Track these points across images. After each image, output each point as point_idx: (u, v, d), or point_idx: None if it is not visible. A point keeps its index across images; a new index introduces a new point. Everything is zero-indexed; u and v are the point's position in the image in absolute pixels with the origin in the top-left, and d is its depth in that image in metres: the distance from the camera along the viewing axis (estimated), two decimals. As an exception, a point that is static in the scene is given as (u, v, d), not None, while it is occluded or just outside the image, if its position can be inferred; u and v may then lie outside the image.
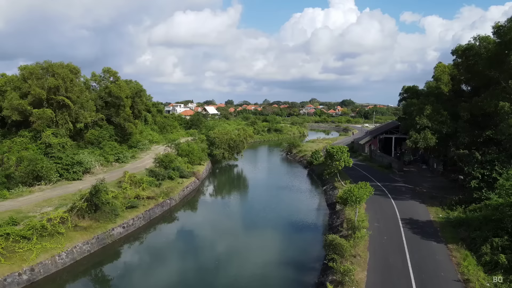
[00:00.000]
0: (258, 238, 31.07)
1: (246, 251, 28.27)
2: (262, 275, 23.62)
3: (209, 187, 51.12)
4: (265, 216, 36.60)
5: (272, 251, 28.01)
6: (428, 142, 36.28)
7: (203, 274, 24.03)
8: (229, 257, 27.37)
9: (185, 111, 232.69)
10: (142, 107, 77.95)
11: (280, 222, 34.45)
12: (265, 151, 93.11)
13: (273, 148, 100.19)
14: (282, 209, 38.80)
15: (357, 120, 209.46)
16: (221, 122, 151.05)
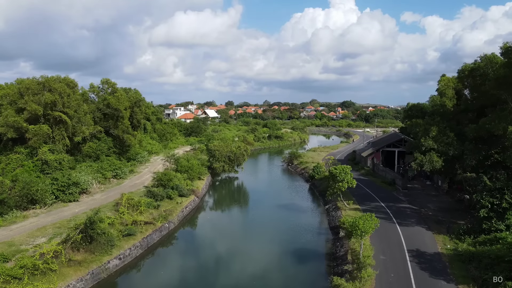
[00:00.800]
0: (258, 266, 30.06)
1: (245, 282, 27.26)
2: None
3: (209, 205, 49.98)
4: (266, 240, 35.60)
5: (273, 284, 27.03)
6: (434, 165, 35.27)
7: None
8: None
9: (185, 114, 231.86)
10: (141, 116, 77.00)
11: (281, 248, 33.43)
12: (265, 161, 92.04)
13: (273, 157, 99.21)
14: (283, 232, 37.77)
15: (358, 123, 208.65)
16: (221, 127, 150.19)
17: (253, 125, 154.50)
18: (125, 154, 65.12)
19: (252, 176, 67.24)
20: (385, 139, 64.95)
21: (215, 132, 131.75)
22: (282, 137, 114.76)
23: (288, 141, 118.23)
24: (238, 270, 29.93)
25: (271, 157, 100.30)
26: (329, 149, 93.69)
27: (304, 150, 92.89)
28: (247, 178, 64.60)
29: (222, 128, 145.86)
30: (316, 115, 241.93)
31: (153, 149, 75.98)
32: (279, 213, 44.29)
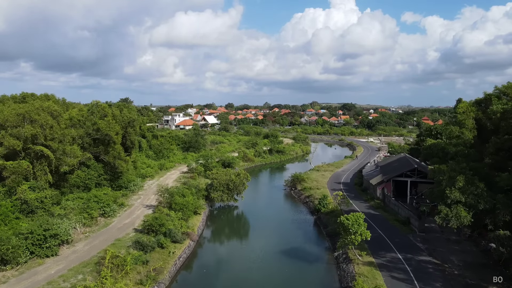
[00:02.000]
0: None
1: None
2: None
3: (205, 250, 45.13)
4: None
5: None
6: (461, 221, 30.96)
7: None
8: None
9: (184, 121, 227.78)
10: (134, 137, 72.54)
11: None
12: (266, 180, 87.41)
13: (275, 174, 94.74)
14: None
15: (361, 131, 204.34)
16: (221, 137, 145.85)
17: (254, 135, 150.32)
18: (117, 181, 60.91)
19: (252, 204, 62.68)
20: (396, 166, 60.49)
21: (215, 144, 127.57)
22: (284, 151, 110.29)
23: (290, 155, 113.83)
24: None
25: (272, 174, 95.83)
26: (333, 167, 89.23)
27: (308, 169, 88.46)
28: (247, 207, 60.12)
29: (222, 139, 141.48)
30: (317, 121, 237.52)
31: (148, 173, 71.49)
32: (281, 261, 39.87)
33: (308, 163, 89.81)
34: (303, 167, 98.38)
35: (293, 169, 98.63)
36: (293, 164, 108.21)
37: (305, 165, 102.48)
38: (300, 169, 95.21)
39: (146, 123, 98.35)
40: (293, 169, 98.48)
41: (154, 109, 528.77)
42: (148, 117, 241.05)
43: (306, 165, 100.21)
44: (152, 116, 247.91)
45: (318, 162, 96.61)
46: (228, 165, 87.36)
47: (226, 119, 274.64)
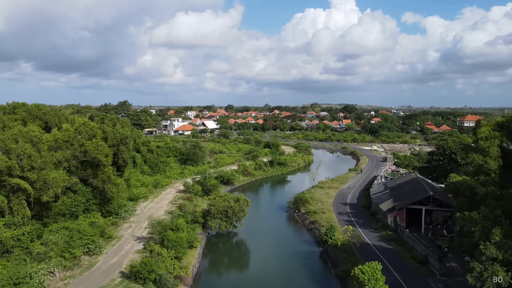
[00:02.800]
0: None
1: None
2: None
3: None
4: None
5: None
6: (499, 282, 26.48)
7: None
8: None
9: (182, 126, 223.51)
10: (128, 155, 68.03)
11: None
12: (267, 199, 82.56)
13: (276, 190, 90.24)
14: None
15: (363, 136, 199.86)
16: (220, 146, 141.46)
17: (254, 143, 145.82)
18: (107, 205, 56.51)
19: (253, 230, 57.95)
20: (408, 190, 55.96)
21: (214, 154, 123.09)
22: (285, 163, 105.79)
23: (292, 167, 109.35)
24: None
25: (273, 190, 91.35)
26: (338, 183, 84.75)
27: (311, 185, 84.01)
28: (248, 233, 55.53)
29: (221, 147, 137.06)
30: (318, 126, 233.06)
31: (141, 194, 66.99)
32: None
33: (312, 178, 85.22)
34: (305, 181, 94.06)
35: (295, 183, 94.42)
36: (295, 177, 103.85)
37: (308, 177, 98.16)
38: (303, 183, 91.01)
39: (141, 135, 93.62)
40: (296, 183, 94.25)
41: (154, 112, 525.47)
42: (147, 122, 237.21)
43: (308, 178, 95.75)
44: (150, 121, 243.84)
45: (322, 175, 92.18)
46: (227, 181, 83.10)
47: (226, 123, 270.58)
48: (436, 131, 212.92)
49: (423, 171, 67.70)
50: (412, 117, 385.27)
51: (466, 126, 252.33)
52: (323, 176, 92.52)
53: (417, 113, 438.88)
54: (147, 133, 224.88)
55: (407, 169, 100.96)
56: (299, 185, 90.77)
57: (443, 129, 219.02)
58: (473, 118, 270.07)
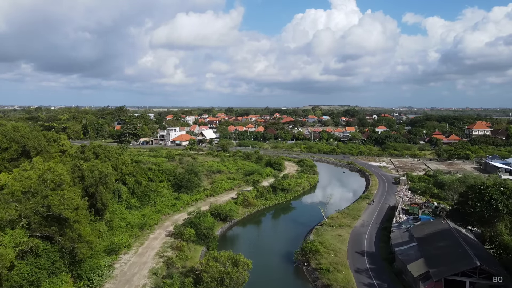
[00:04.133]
0: None
1: None
2: None
3: None
4: None
5: None
6: None
7: None
8: None
9: (180, 136, 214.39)
10: (108, 196, 58.34)
11: None
12: (271, 240, 72.17)
13: (280, 225, 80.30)
14: None
15: (369, 147, 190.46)
16: (218, 164, 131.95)
17: (255, 160, 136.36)
18: (78, 265, 46.88)
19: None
20: (444, 250, 46.07)
21: (211, 174, 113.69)
22: (289, 188, 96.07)
23: (296, 191, 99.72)
24: None
25: (277, 224, 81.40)
26: (350, 218, 75.00)
27: (320, 222, 74.31)
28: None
29: (219, 166, 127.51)
30: (321, 135, 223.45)
31: (123, 242, 57.18)
32: None
33: (320, 208, 75.34)
34: (312, 211, 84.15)
35: (301, 213, 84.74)
36: (300, 204, 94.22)
37: (315, 206, 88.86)
38: (310, 214, 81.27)
39: (128, 163, 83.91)
40: (302, 213, 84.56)
41: (152, 116, 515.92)
42: (143, 131, 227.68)
43: (316, 207, 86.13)
44: (146, 130, 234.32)
45: (331, 202, 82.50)
46: (225, 218, 73.42)
47: (226, 131, 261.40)
48: (445, 141, 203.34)
49: (454, 215, 58.06)
50: (417, 123, 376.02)
51: (475, 135, 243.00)
52: (332, 204, 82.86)
53: (421, 119, 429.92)
54: (142, 143, 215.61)
55: (425, 196, 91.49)
56: (305, 216, 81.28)
57: (452, 139, 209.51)
58: (482, 126, 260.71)
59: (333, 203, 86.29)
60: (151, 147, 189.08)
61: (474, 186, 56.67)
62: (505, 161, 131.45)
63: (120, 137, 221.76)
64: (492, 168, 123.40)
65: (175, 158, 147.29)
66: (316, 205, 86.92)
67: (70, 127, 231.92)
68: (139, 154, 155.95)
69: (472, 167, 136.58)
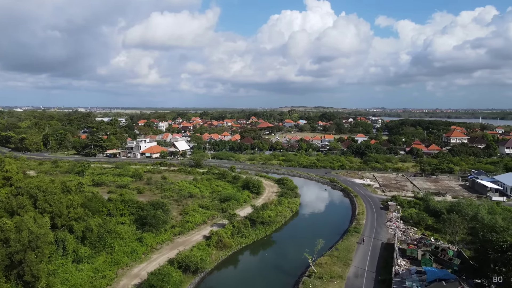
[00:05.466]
0: None
1: None
2: None
3: None
4: None
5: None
6: None
7: None
8: None
9: (150, 148, 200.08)
10: (37, 267, 45.44)
11: None
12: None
13: (260, 273, 68.96)
14: None
15: (351, 160, 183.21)
16: (190, 187, 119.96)
17: (231, 179, 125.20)
18: None
19: None
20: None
21: (182, 199, 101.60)
22: (269, 221, 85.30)
23: (277, 222, 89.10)
24: None
25: (255, 271, 69.87)
26: (340, 263, 64.87)
27: (305, 265, 63.87)
28: None
29: (192, 188, 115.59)
30: (300, 145, 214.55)
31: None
32: None
33: (308, 259, 64.51)
34: (297, 250, 73.43)
35: (284, 254, 73.61)
36: (282, 239, 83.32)
37: (298, 241, 78.74)
38: (294, 254, 70.49)
39: (80, 202, 70.67)
40: (285, 253, 73.54)
41: (124, 120, 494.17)
42: (110, 143, 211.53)
43: (299, 243, 75.86)
44: (114, 140, 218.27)
45: (315, 230, 72.24)
46: (195, 270, 61.69)
47: (200, 139, 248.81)
48: (426, 152, 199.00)
49: (469, 272, 49.03)
50: (394, 128, 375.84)
51: (453, 143, 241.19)
52: (318, 234, 72.43)
53: (397, 123, 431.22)
54: (109, 156, 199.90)
55: (419, 228, 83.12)
56: (290, 259, 70.74)
57: (432, 149, 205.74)
58: (459, 134, 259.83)
59: (319, 233, 76.28)
60: (118, 161, 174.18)
61: (493, 242, 47.67)
62: (492, 178, 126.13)
63: (85, 149, 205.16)
64: (480, 187, 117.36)
65: (143, 177, 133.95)
66: (301, 242, 76.78)
67: (28, 138, 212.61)
68: (102, 173, 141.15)
69: (458, 184, 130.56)
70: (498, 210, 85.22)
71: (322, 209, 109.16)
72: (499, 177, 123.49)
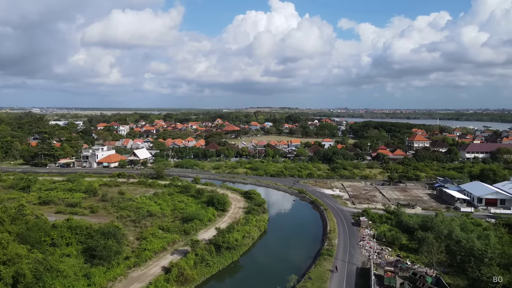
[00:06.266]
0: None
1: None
2: None
3: None
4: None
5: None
6: None
7: None
8: None
9: (108, 157, 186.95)
10: None
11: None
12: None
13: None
14: None
15: (318, 166, 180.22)
16: (149, 203, 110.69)
17: (194, 193, 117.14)
18: None
19: None
20: None
21: (140, 220, 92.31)
22: (236, 246, 78.08)
23: (245, 245, 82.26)
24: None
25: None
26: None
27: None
28: None
29: (151, 205, 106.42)
30: (267, 152, 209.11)
31: None
32: None
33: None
34: (267, 279, 67.35)
35: (252, 284, 66.94)
36: (250, 265, 76.60)
37: (268, 267, 72.57)
38: (264, 283, 64.01)
39: (15, 234, 60.34)
40: (252, 284, 66.86)
41: (81, 124, 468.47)
42: (63, 151, 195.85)
43: (269, 271, 69.66)
44: (68, 148, 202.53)
45: (284, 253, 66.08)
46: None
47: (163, 146, 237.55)
48: (392, 157, 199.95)
49: None
50: (359, 131, 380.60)
51: (416, 147, 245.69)
52: (288, 261, 66.31)
53: (361, 125, 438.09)
54: (62, 166, 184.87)
55: (394, 249, 79.25)
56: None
57: (397, 154, 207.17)
58: (421, 138, 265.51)
59: (289, 256, 70.29)
60: (72, 172, 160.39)
61: (481, 281, 43.43)
62: (458, 187, 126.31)
63: (34, 158, 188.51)
64: (448, 197, 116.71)
65: (98, 193, 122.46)
66: (271, 268, 70.62)
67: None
68: (51, 188, 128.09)
69: (426, 193, 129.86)
70: (470, 227, 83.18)
71: (292, 225, 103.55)
72: (465, 186, 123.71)
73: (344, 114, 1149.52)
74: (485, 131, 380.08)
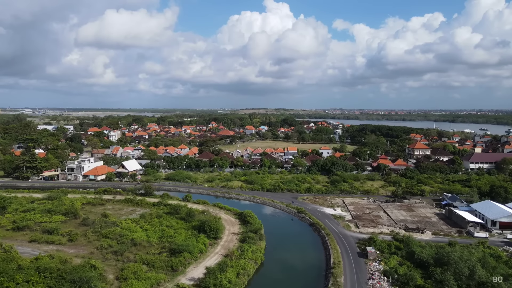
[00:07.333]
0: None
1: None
2: None
3: None
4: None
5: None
6: None
7: None
8: None
9: (94, 169, 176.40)
10: None
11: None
12: None
13: None
14: None
15: (317, 179, 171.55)
16: (134, 229, 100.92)
17: (185, 215, 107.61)
18: None
19: None
20: None
21: (123, 251, 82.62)
22: (230, 286, 68.55)
23: (239, 286, 72.55)
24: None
25: None
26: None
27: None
28: None
29: (137, 230, 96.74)
30: (263, 162, 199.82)
31: None
32: None
33: None
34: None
35: None
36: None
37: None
38: None
39: None
40: None
41: (72, 128, 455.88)
42: (47, 163, 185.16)
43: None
44: (53, 159, 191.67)
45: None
46: None
47: (154, 154, 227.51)
48: (393, 168, 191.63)
49: None
50: (356, 136, 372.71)
51: (416, 155, 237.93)
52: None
53: (358, 129, 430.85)
54: (45, 179, 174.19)
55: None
56: None
57: (399, 164, 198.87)
58: (422, 146, 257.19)
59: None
60: (55, 187, 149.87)
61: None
62: (468, 206, 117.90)
63: (16, 171, 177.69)
64: (459, 219, 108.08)
65: (79, 215, 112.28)
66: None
67: None
68: (29, 209, 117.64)
69: (434, 213, 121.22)
70: (492, 262, 74.46)
71: (291, 256, 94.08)
72: (476, 205, 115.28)
73: (340, 115, 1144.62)
74: (484, 135, 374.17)
